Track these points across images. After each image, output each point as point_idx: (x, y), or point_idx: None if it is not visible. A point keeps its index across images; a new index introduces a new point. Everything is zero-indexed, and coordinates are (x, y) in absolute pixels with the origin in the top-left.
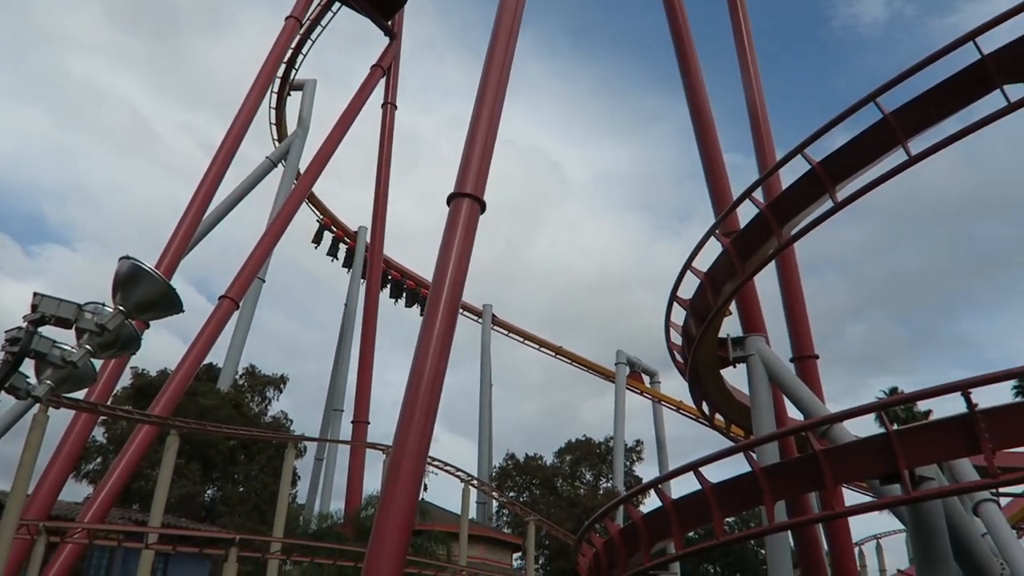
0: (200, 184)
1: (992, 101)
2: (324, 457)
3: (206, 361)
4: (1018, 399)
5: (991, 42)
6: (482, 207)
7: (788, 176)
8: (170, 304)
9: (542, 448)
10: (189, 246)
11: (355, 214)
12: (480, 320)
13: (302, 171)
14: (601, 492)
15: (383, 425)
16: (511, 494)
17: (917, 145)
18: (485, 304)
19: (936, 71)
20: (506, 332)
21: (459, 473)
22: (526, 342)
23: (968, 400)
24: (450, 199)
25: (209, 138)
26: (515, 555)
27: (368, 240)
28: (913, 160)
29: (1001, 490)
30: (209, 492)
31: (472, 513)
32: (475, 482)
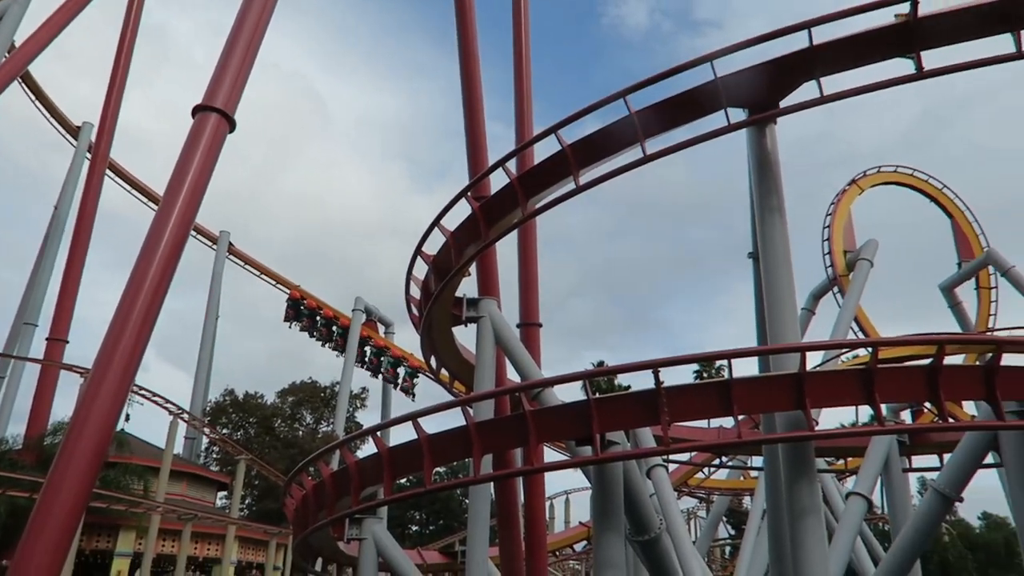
0: None
1: (717, 119)
2: (6, 375)
3: None
4: (696, 381)
5: (725, 67)
6: (231, 125)
7: (541, 153)
8: None
9: (267, 388)
10: None
11: (80, 109)
12: (214, 247)
13: (17, 45)
14: (320, 435)
15: (85, 347)
16: (224, 431)
17: (653, 145)
18: (222, 230)
19: (679, 82)
20: (242, 263)
21: (168, 405)
22: (263, 276)
23: (656, 377)
24: (195, 111)
25: None
26: (220, 493)
27: (92, 139)
28: (648, 158)
29: (670, 457)
30: None
31: (178, 448)
32: (185, 416)
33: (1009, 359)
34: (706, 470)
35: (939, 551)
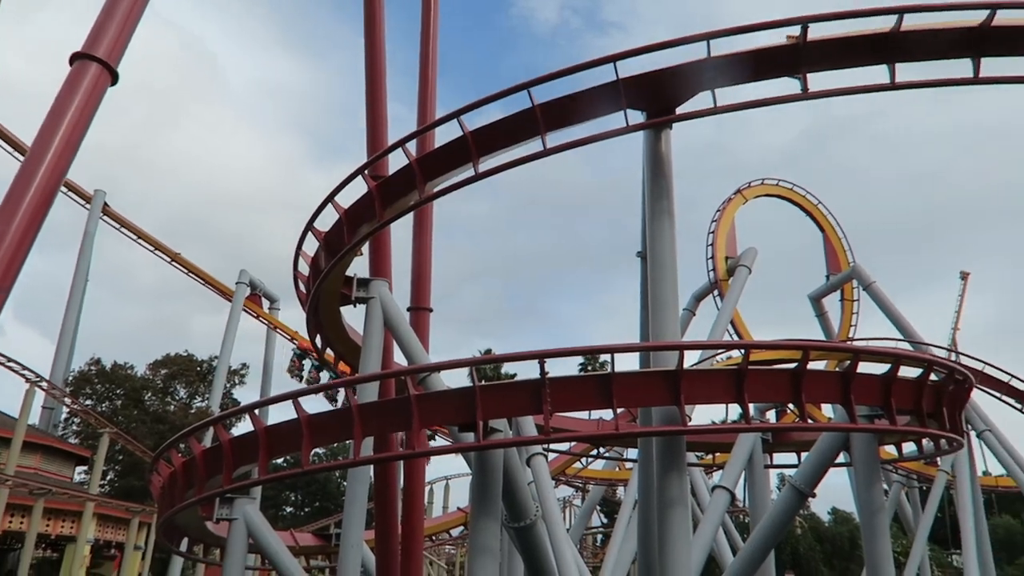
0: None
1: (617, 119)
2: None
3: None
4: (580, 373)
5: (628, 70)
6: (114, 78)
7: (443, 137)
8: None
9: (138, 359)
10: None
11: None
12: (87, 206)
13: None
14: (193, 411)
15: None
16: (88, 402)
17: (553, 139)
18: (97, 189)
19: (583, 79)
20: (117, 225)
21: (25, 372)
22: (140, 240)
23: (542, 368)
24: (74, 59)
25: None
26: (79, 468)
27: None
28: (548, 151)
29: (551, 446)
30: None
31: (34, 418)
32: (43, 384)
33: (864, 367)
34: (584, 460)
35: (792, 542)
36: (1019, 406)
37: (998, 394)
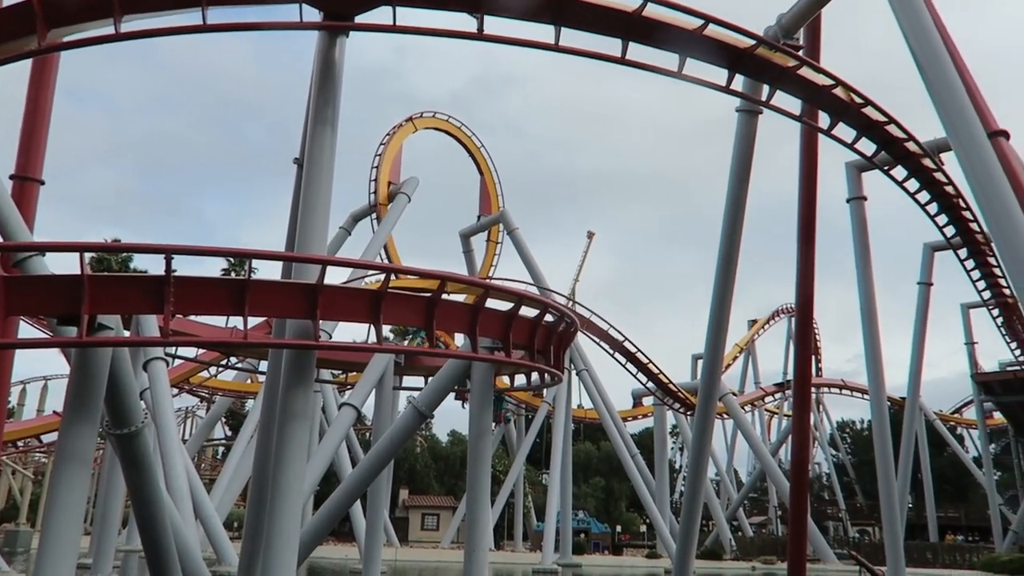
0: None
1: (292, 12)
2: None
3: None
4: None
5: None
6: None
7: None
8: None
9: None
10: None
11: None
12: None
13: None
14: None
15: None
16: None
17: (216, 15)
18: None
19: None
20: None
21: None
22: None
23: (168, 264)
24: None
25: None
26: None
27: None
28: (207, 27)
29: (178, 352)
30: None
31: None
32: None
33: (493, 304)
34: (213, 369)
35: (410, 460)
36: (611, 351)
37: (598, 340)
